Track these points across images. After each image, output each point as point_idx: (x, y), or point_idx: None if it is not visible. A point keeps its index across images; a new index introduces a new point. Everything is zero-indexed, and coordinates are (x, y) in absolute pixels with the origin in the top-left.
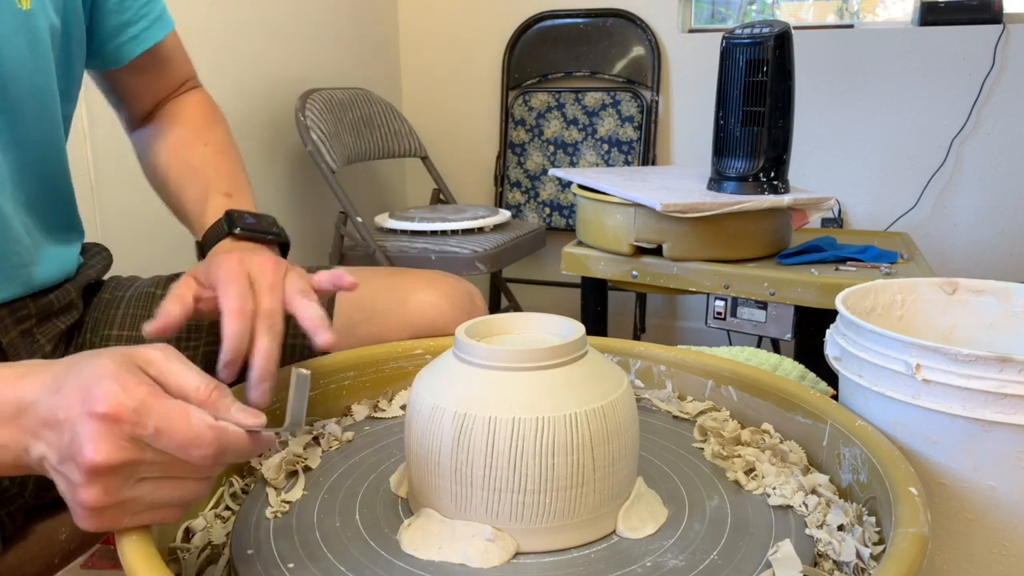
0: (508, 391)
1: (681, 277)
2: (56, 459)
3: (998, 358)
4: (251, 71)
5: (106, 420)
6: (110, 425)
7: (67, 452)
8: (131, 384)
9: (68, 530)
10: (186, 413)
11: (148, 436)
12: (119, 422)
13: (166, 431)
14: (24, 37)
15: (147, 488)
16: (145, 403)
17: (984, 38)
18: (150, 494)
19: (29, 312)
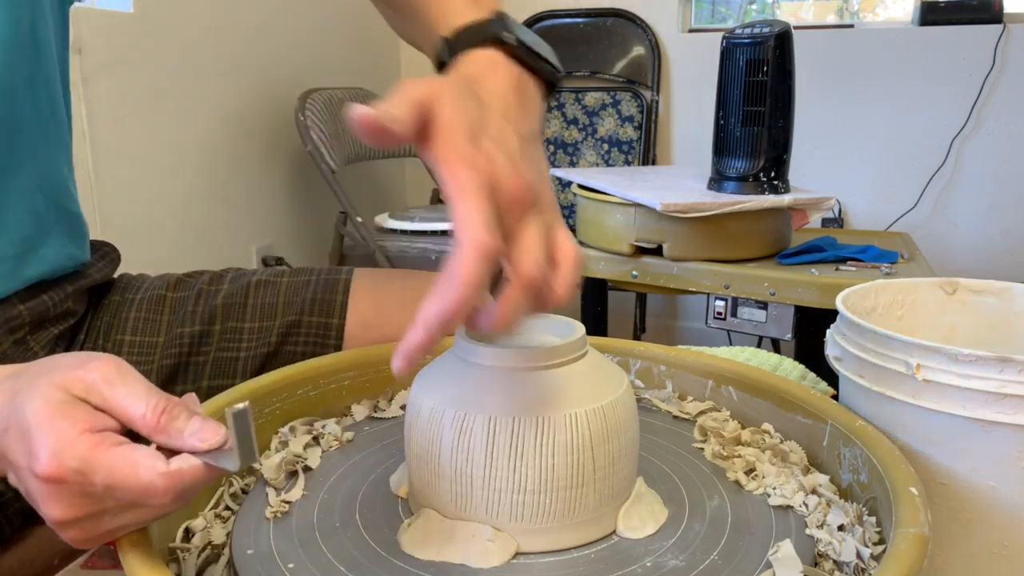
0: (508, 391)
1: (681, 277)
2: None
3: (998, 358)
4: (251, 71)
5: (51, 482)
6: (55, 487)
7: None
8: (69, 437)
9: None
10: (134, 464)
11: (99, 491)
12: (64, 482)
13: (116, 486)
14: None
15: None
16: (87, 460)
17: (984, 38)
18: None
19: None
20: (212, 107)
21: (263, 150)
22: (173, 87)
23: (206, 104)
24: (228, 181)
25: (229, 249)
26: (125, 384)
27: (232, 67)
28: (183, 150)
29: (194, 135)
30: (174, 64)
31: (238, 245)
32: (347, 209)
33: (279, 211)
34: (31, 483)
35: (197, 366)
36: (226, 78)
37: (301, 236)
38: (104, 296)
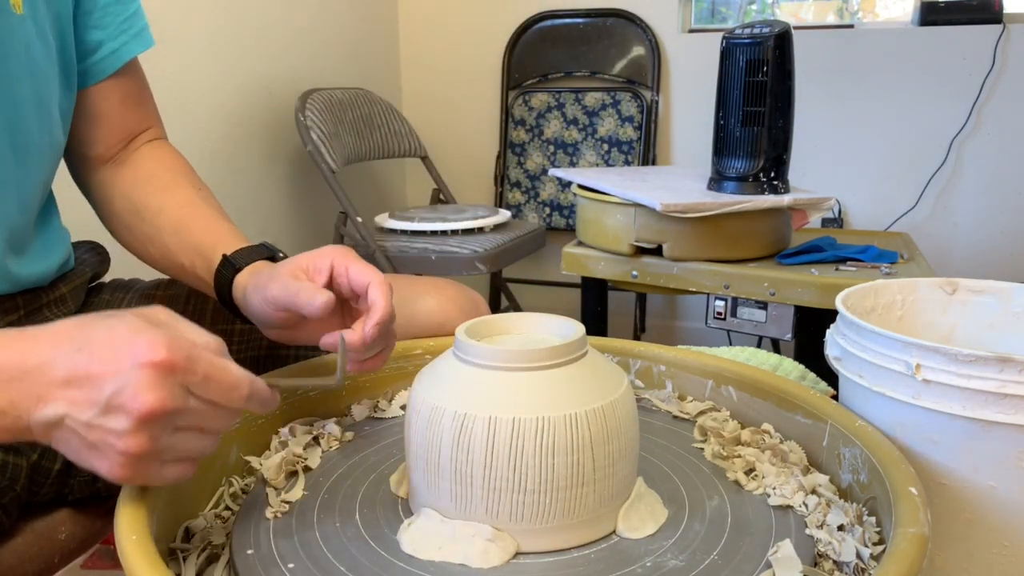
0: (508, 391)
1: (681, 277)
2: (89, 414)
3: (998, 358)
4: (251, 71)
5: (161, 368)
6: (164, 373)
7: (110, 403)
8: (173, 336)
9: (67, 529)
10: (223, 361)
11: (197, 382)
12: (173, 370)
13: (213, 377)
14: (20, 40)
15: (179, 438)
16: (191, 353)
17: (984, 38)
18: (181, 443)
19: (16, 304)
20: (212, 107)
21: (263, 150)
22: (173, 87)
23: (206, 104)
24: (228, 181)
25: None
26: (185, 320)
27: (232, 67)
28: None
29: (194, 135)
30: (174, 64)
31: None
32: (347, 209)
33: (279, 211)
34: (135, 375)
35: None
36: (226, 78)
37: (301, 236)
38: (96, 295)
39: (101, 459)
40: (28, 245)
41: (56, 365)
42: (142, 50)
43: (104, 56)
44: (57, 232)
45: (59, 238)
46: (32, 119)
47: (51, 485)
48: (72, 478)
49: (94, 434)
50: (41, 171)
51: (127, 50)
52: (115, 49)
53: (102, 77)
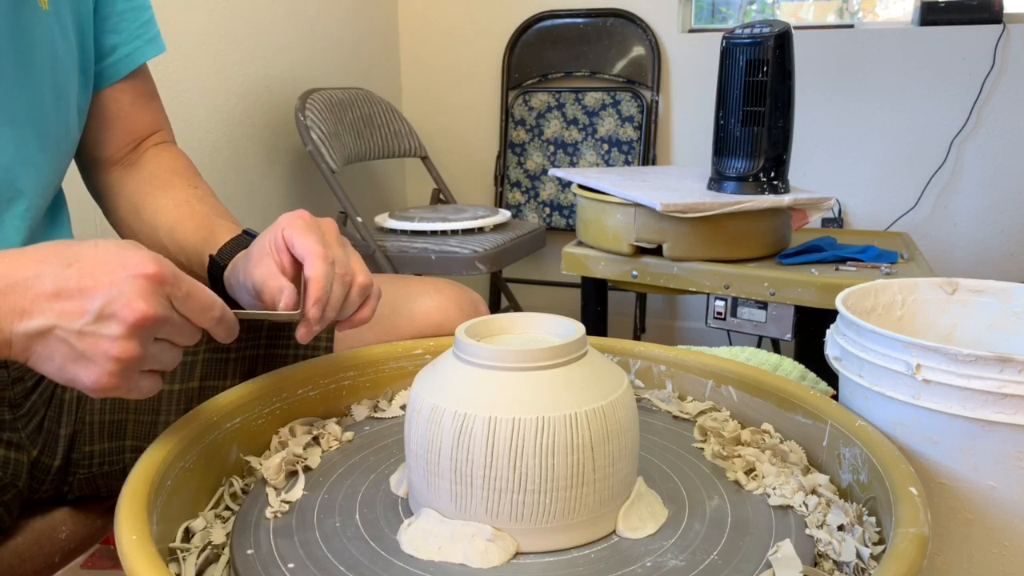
0: (508, 391)
1: (681, 277)
2: (80, 323)
3: (998, 358)
4: (251, 71)
5: (153, 279)
6: (155, 284)
7: (103, 312)
8: (158, 255)
9: (68, 529)
10: (200, 284)
11: (180, 296)
12: (162, 282)
13: (194, 295)
14: (44, 34)
15: (156, 348)
16: (177, 271)
17: (984, 38)
18: (158, 354)
19: None
20: (212, 107)
21: (263, 150)
22: (173, 87)
23: (206, 104)
24: (228, 181)
25: None
26: None
27: (232, 67)
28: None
29: (194, 135)
30: (174, 64)
31: None
32: (347, 209)
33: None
34: (128, 285)
35: (186, 366)
36: (226, 78)
37: None
38: None
39: (89, 367)
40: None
41: (43, 279)
42: (155, 54)
43: (118, 59)
44: (64, 228)
45: (66, 234)
46: (51, 109)
47: (51, 482)
48: (72, 476)
49: (85, 342)
50: (56, 160)
51: (141, 54)
52: (129, 53)
53: (115, 79)
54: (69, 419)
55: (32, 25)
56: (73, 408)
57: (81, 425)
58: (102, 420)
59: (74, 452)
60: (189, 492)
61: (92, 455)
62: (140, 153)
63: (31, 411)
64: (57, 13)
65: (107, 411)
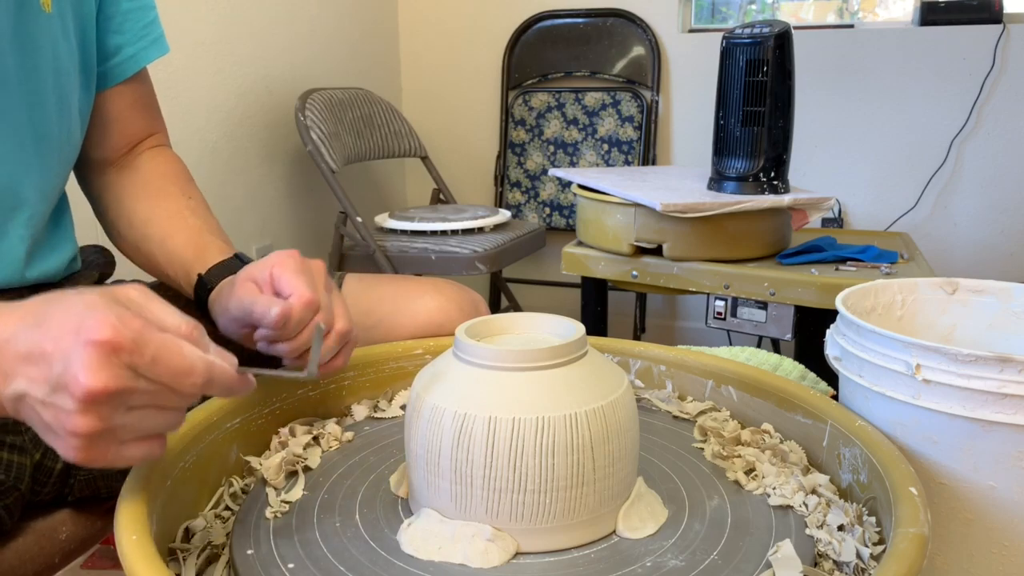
0: (508, 391)
1: (681, 277)
2: (43, 392)
3: (998, 358)
4: (251, 71)
5: (104, 348)
6: (108, 353)
7: (59, 381)
8: (126, 316)
9: (68, 529)
10: (179, 344)
11: (144, 364)
12: (118, 350)
13: (162, 360)
14: (47, 37)
15: (135, 416)
16: (142, 333)
17: (984, 38)
18: (138, 422)
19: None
20: (212, 107)
21: (263, 150)
22: (173, 87)
23: (206, 104)
24: (228, 181)
25: None
26: (159, 300)
27: (232, 67)
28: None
29: (194, 135)
30: (174, 64)
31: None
32: (347, 209)
33: (279, 211)
34: (79, 353)
35: None
36: (226, 78)
37: (301, 236)
38: None
39: (57, 439)
40: (42, 239)
41: (18, 340)
42: (158, 56)
43: (122, 60)
44: (67, 232)
45: (69, 238)
46: (53, 114)
47: (53, 484)
48: (72, 478)
49: (47, 413)
50: (59, 166)
51: (144, 55)
52: (133, 54)
53: (118, 81)
54: None
55: (35, 29)
56: None
57: None
58: None
59: None
60: (189, 492)
61: None
62: (135, 156)
63: None
64: (61, 16)
65: None
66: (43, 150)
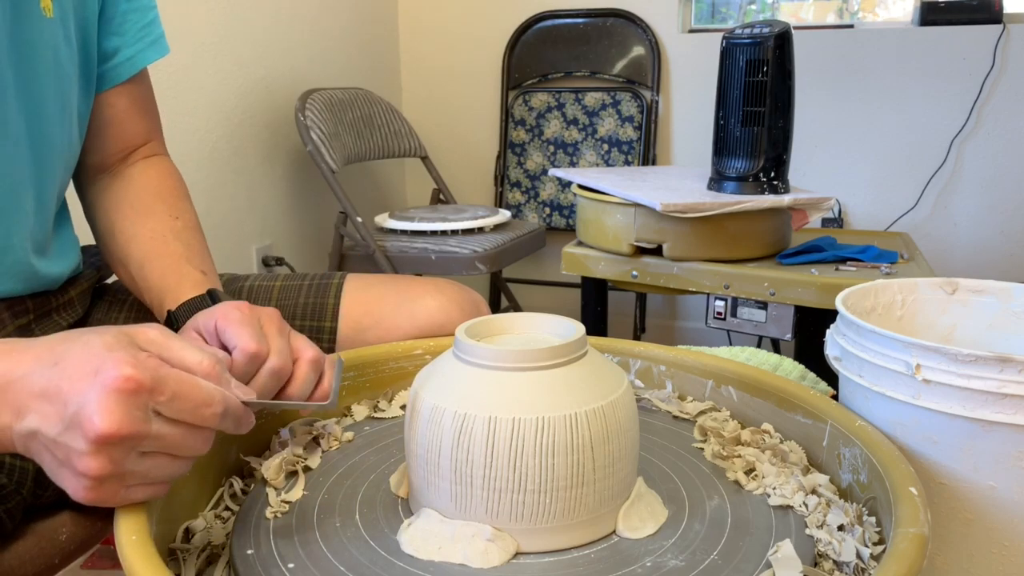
0: (508, 391)
1: (681, 277)
2: (56, 430)
3: (998, 358)
4: (251, 71)
5: (121, 391)
6: (124, 396)
7: (72, 421)
8: (142, 357)
9: (68, 530)
10: (195, 379)
11: (165, 402)
12: (137, 392)
13: (182, 395)
14: (48, 43)
15: (147, 464)
16: (159, 373)
17: (984, 38)
18: (148, 469)
19: (27, 307)
20: (212, 107)
21: (263, 150)
22: (173, 87)
23: (206, 104)
24: (228, 181)
25: (229, 250)
26: (178, 339)
27: (232, 67)
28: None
29: (194, 135)
30: (174, 64)
31: (238, 246)
32: (347, 209)
33: (279, 211)
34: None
35: None
36: (226, 78)
37: (301, 236)
38: (100, 298)
39: (67, 479)
40: (47, 246)
41: (34, 378)
42: (158, 57)
43: (120, 62)
44: (71, 235)
45: (73, 241)
46: (55, 120)
47: (54, 488)
48: None
49: (59, 452)
50: (60, 172)
51: (143, 57)
52: (131, 56)
53: (116, 83)
54: None
55: (35, 35)
56: None
57: None
58: None
59: None
60: (189, 492)
61: None
62: (129, 164)
63: None
64: (62, 20)
65: None
66: (46, 156)
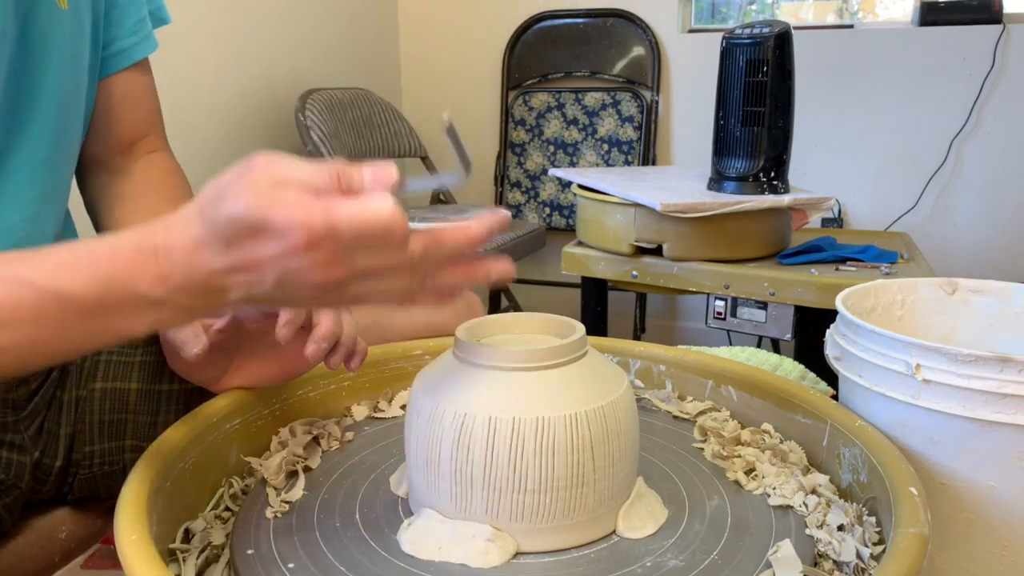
0: (508, 391)
1: (681, 277)
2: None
3: (998, 358)
4: (251, 71)
5: (310, 250)
6: (314, 253)
7: (286, 281)
8: (302, 201)
9: (68, 528)
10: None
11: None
12: (319, 246)
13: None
14: (63, 35)
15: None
16: (326, 215)
17: (984, 38)
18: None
19: None
20: (212, 107)
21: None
22: (173, 87)
23: (206, 104)
24: None
25: None
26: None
27: (232, 67)
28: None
29: (194, 135)
30: (174, 64)
31: None
32: None
33: None
34: (290, 262)
35: None
36: (226, 78)
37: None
38: None
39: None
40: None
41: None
42: (150, 51)
43: (114, 54)
44: (73, 229)
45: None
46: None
47: (53, 482)
48: (72, 476)
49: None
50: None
51: (137, 50)
52: (126, 48)
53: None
54: (69, 419)
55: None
56: (72, 408)
57: (81, 425)
58: (101, 420)
59: (74, 452)
60: (189, 493)
61: (92, 455)
62: (131, 160)
63: (33, 413)
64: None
65: (106, 411)
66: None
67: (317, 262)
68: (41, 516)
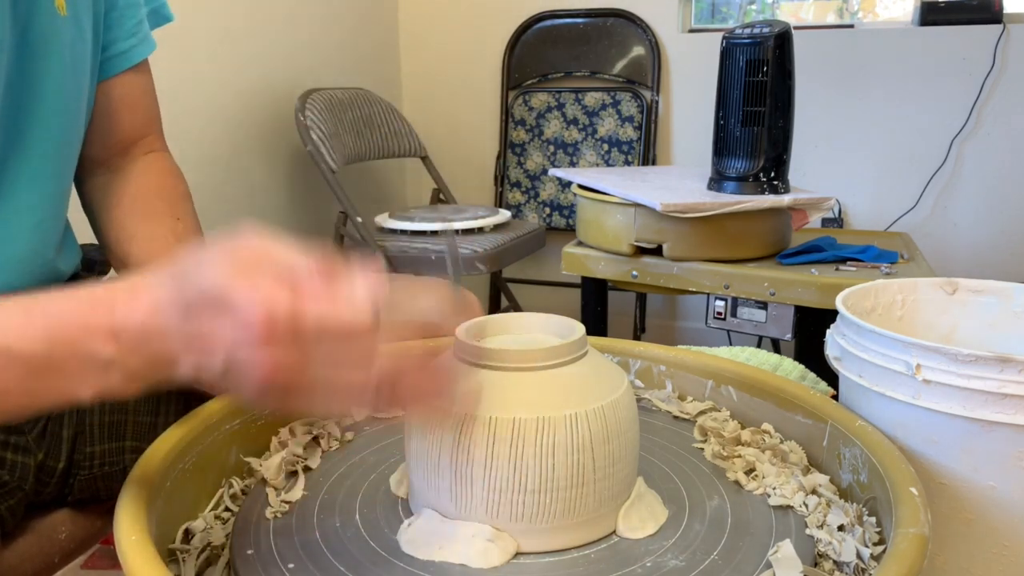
0: (508, 391)
1: (681, 277)
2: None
3: (998, 358)
4: (251, 71)
5: (263, 341)
6: (268, 347)
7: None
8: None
9: (68, 529)
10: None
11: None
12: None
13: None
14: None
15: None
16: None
17: (984, 38)
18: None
19: None
20: (212, 107)
21: (263, 150)
22: (173, 87)
23: (206, 104)
24: (228, 181)
25: None
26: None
27: (232, 67)
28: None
29: (194, 135)
30: (174, 64)
31: None
32: (347, 209)
33: (279, 211)
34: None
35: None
36: (226, 78)
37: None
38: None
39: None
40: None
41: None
42: (148, 53)
43: (113, 56)
44: (71, 232)
45: (73, 238)
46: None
47: (55, 484)
48: (73, 478)
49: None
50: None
51: (136, 52)
52: (125, 50)
53: (107, 76)
54: (71, 421)
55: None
56: (75, 410)
57: (82, 426)
58: (102, 421)
59: (76, 453)
60: (189, 493)
61: (93, 456)
62: (129, 160)
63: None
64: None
65: (107, 412)
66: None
67: (267, 358)
68: (41, 517)
